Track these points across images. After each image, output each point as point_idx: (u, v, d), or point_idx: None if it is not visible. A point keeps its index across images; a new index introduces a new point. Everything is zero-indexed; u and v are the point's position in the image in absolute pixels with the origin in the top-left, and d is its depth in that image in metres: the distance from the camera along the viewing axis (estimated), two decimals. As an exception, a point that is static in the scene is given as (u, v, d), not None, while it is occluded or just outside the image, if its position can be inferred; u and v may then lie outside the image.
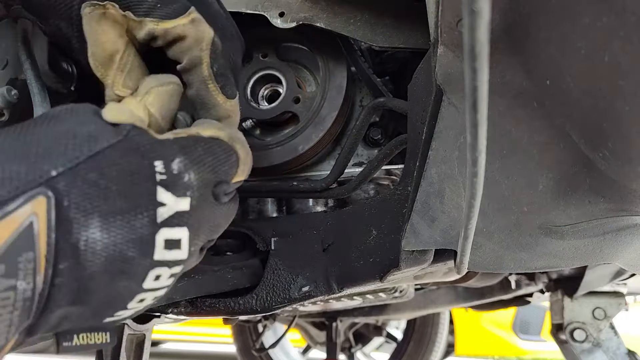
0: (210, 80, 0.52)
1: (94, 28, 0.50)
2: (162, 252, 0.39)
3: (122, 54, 0.50)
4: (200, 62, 0.51)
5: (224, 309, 0.72)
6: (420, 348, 2.85)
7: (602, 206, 0.51)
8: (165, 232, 0.38)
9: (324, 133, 0.78)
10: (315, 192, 0.78)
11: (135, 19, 0.50)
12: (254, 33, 0.82)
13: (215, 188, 0.43)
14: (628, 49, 0.34)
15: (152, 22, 0.50)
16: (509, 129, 0.48)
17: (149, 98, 0.47)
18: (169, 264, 0.40)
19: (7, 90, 0.59)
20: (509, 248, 0.58)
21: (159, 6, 0.50)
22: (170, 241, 0.39)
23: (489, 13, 0.27)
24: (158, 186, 0.38)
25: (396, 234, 0.64)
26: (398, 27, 0.71)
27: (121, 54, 0.50)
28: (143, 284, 0.39)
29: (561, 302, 1.54)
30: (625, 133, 0.40)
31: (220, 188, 0.43)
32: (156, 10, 0.50)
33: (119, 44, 0.50)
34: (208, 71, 0.52)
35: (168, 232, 0.38)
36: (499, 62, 0.44)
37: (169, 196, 0.38)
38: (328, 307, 1.77)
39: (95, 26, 0.50)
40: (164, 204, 0.38)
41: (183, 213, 0.39)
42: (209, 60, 0.51)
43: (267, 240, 0.74)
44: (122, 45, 0.51)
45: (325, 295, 0.69)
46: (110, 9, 0.49)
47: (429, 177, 0.54)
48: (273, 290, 0.71)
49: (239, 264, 0.73)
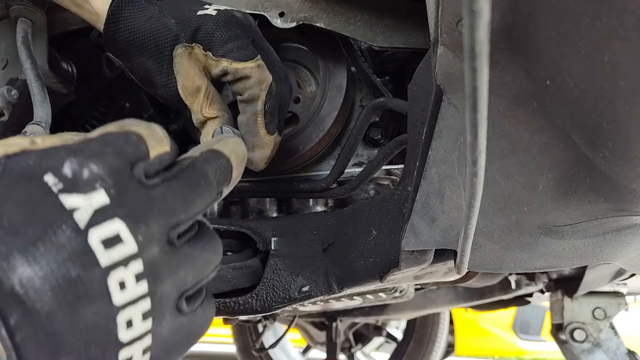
0: (260, 114, 0.64)
1: (185, 65, 0.63)
2: (105, 253, 0.34)
3: (207, 86, 0.64)
4: (257, 99, 0.64)
5: (224, 309, 0.72)
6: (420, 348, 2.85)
7: (602, 206, 0.51)
8: (96, 233, 0.34)
9: (324, 133, 0.78)
10: (315, 192, 0.78)
11: (214, 58, 0.62)
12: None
13: (133, 169, 0.38)
14: (628, 49, 0.34)
15: (227, 61, 0.62)
16: (509, 129, 0.48)
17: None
18: (122, 262, 0.35)
19: (7, 90, 0.59)
20: (509, 248, 0.58)
21: (234, 51, 0.62)
22: (108, 240, 0.34)
23: (489, 13, 0.27)
24: (60, 195, 0.34)
25: (396, 234, 0.64)
26: (398, 27, 0.71)
27: (206, 86, 0.64)
28: (112, 300, 0.34)
29: (561, 302, 1.54)
30: (625, 133, 0.40)
31: (139, 168, 0.38)
32: (232, 54, 0.62)
33: (203, 79, 0.64)
34: (261, 107, 0.64)
35: (99, 232, 0.34)
36: (498, 62, 0.44)
37: (76, 198, 0.34)
38: (328, 307, 1.77)
39: (186, 63, 0.63)
40: (76, 208, 0.34)
41: (105, 206, 0.35)
42: (264, 98, 0.64)
43: (267, 240, 0.74)
44: (206, 80, 0.64)
45: (325, 295, 0.69)
46: (196, 50, 0.62)
47: (429, 177, 0.54)
48: (273, 290, 0.71)
49: (239, 264, 0.73)
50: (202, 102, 0.64)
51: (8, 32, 0.81)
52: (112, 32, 0.64)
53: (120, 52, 0.66)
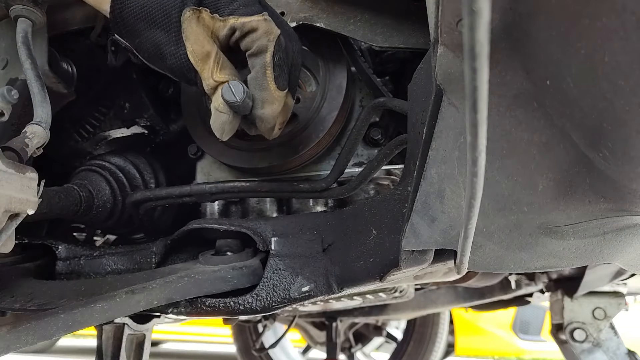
0: (269, 67, 0.63)
1: (194, 29, 0.63)
2: None
3: (216, 52, 0.63)
4: (265, 50, 0.63)
5: (224, 309, 0.72)
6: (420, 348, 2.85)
7: (602, 206, 0.51)
8: None
9: (324, 133, 0.78)
10: (315, 192, 0.78)
11: (221, 18, 0.63)
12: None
13: None
14: (628, 49, 0.34)
15: (233, 18, 0.63)
16: (508, 129, 0.48)
17: None
18: None
19: (7, 90, 0.59)
20: (509, 248, 0.58)
21: (240, 8, 0.63)
22: None
23: (489, 13, 0.27)
24: None
25: (396, 234, 0.64)
26: (398, 27, 0.71)
27: (216, 52, 0.63)
28: None
29: (561, 302, 1.54)
30: (625, 133, 0.40)
31: None
32: (238, 10, 0.63)
33: (212, 44, 0.63)
34: (270, 58, 0.63)
35: None
36: (498, 62, 0.44)
37: None
38: (328, 307, 1.77)
39: (195, 27, 0.63)
40: None
41: None
42: (273, 49, 0.63)
43: (267, 240, 0.74)
44: (215, 46, 0.64)
45: (325, 295, 0.69)
46: (204, 14, 0.63)
47: (429, 177, 0.54)
48: (273, 290, 0.71)
49: (239, 264, 0.73)
50: (213, 67, 0.63)
51: (8, 32, 0.81)
52: (119, 9, 0.64)
53: (128, 29, 0.65)
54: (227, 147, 0.85)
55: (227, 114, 0.63)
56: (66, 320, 0.61)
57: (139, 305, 0.66)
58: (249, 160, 0.83)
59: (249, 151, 0.83)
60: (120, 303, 0.64)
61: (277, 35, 0.63)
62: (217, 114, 0.63)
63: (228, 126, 0.64)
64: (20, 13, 0.74)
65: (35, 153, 0.66)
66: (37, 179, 0.63)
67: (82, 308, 0.62)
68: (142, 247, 0.83)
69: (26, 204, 0.61)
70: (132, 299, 0.65)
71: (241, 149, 0.84)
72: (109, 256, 0.84)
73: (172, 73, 0.67)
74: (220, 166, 0.90)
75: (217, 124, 0.64)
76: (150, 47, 0.65)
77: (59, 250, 0.85)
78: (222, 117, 0.63)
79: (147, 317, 0.91)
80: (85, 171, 0.89)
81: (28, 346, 0.60)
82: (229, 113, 0.63)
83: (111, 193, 0.88)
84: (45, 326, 0.60)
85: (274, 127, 0.67)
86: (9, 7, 0.74)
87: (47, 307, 0.71)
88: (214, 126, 0.64)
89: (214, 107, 0.63)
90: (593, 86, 0.38)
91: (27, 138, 0.64)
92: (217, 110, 0.63)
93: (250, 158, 0.83)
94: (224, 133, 0.64)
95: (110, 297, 0.64)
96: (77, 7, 0.83)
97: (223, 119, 0.63)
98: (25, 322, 0.60)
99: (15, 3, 0.73)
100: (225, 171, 0.89)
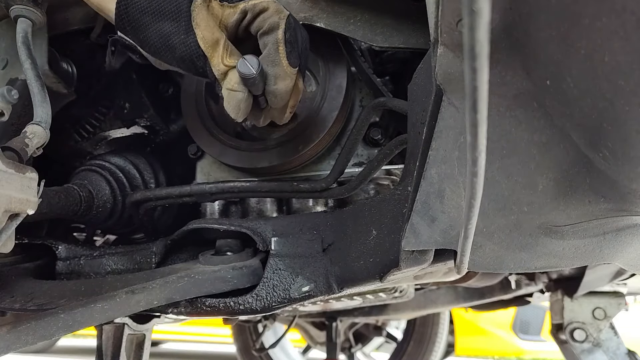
0: (281, 43, 0.65)
1: (204, 16, 0.65)
2: None
3: (225, 39, 0.66)
4: (277, 27, 0.65)
5: (224, 309, 0.72)
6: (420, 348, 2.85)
7: (602, 206, 0.51)
8: None
9: (324, 133, 0.78)
10: (315, 192, 0.78)
11: (231, 5, 0.66)
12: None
13: None
14: (628, 49, 0.34)
15: (244, 2, 0.66)
16: (508, 129, 0.48)
17: None
18: None
19: (7, 90, 0.59)
20: (509, 248, 0.58)
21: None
22: None
23: (489, 13, 0.27)
24: None
25: (396, 234, 0.64)
26: (398, 27, 0.71)
27: (224, 39, 0.66)
28: None
29: (561, 302, 1.54)
30: (625, 133, 0.40)
31: None
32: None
33: (221, 33, 0.66)
34: (282, 35, 0.65)
35: None
36: (498, 62, 0.44)
37: None
38: (328, 307, 1.77)
39: (205, 14, 0.65)
40: None
41: None
42: (284, 26, 0.65)
43: (267, 240, 0.73)
44: (223, 34, 0.66)
45: (325, 295, 0.69)
46: (213, 3, 0.66)
47: (429, 177, 0.54)
48: (273, 290, 0.71)
49: (239, 264, 0.73)
50: (222, 52, 0.65)
51: (8, 32, 0.81)
52: (124, 5, 0.65)
53: (133, 25, 0.66)
54: (226, 147, 0.85)
55: (242, 92, 0.65)
56: (66, 320, 0.61)
57: (139, 305, 0.66)
58: (249, 160, 0.83)
59: (249, 151, 0.83)
60: (120, 303, 0.64)
61: (287, 14, 0.66)
62: (232, 95, 0.65)
63: (243, 104, 0.65)
64: (20, 13, 0.74)
65: (35, 153, 0.66)
66: (37, 179, 0.63)
67: (82, 308, 0.62)
68: (142, 247, 0.83)
69: (26, 204, 0.61)
70: (132, 299, 0.65)
71: (241, 148, 0.84)
72: (109, 256, 0.84)
73: (181, 62, 0.67)
74: (220, 166, 0.90)
75: (232, 103, 0.65)
76: (157, 39, 0.66)
77: (59, 250, 0.85)
78: (238, 95, 0.65)
79: (147, 317, 0.91)
80: (85, 171, 0.89)
81: (28, 346, 0.60)
82: (243, 91, 0.64)
83: (111, 193, 0.88)
84: (45, 326, 0.60)
85: (286, 107, 0.69)
86: (9, 7, 0.74)
87: (47, 307, 0.71)
88: (229, 107, 0.66)
89: (227, 89, 0.65)
90: (593, 86, 0.38)
91: (27, 138, 0.64)
92: (231, 91, 0.64)
93: (250, 158, 0.83)
94: (239, 112, 0.66)
95: (110, 297, 0.64)
96: (77, 7, 0.83)
97: (239, 97, 0.65)
98: (25, 322, 0.60)
99: (15, 3, 0.73)
100: (225, 171, 0.89)
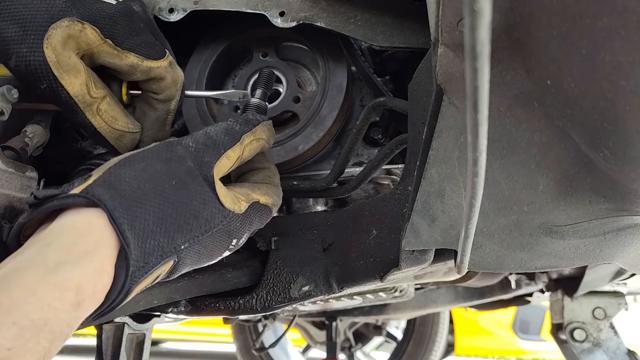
0: (172, 113, 0.65)
1: (60, 42, 0.54)
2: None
3: (86, 69, 0.57)
4: (172, 98, 0.63)
5: (224, 308, 0.72)
6: (420, 348, 2.85)
7: (603, 206, 0.51)
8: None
9: (324, 133, 0.78)
10: (315, 191, 0.78)
11: (119, 49, 0.57)
12: (254, 33, 0.82)
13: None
14: (629, 49, 0.34)
15: (136, 57, 0.58)
16: (509, 128, 0.48)
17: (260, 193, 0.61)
18: None
19: (7, 90, 0.59)
20: (510, 248, 0.58)
21: (143, 46, 0.59)
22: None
23: (490, 13, 0.27)
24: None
25: (396, 234, 0.64)
26: (398, 26, 0.71)
27: (85, 69, 0.56)
28: None
29: (561, 302, 1.54)
30: (625, 133, 0.40)
31: None
32: (141, 49, 0.58)
33: (80, 63, 0.56)
34: (175, 106, 0.64)
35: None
36: (499, 62, 0.44)
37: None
38: (328, 307, 1.77)
39: (62, 40, 0.54)
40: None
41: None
42: (179, 97, 0.64)
43: (267, 239, 0.74)
44: (83, 65, 0.56)
45: (325, 294, 0.69)
46: (88, 31, 0.55)
47: (430, 177, 0.54)
48: (273, 289, 0.71)
49: (239, 263, 0.73)
50: (88, 81, 0.56)
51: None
52: None
53: None
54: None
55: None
56: (66, 319, 0.61)
57: (139, 305, 0.66)
58: (249, 160, 0.83)
59: (249, 151, 0.83)
60: (120, 302, 0.64)
61: (182, 82, 0.64)
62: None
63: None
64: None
65: (35, 152, 0.66)
66: (37, 179, 0.63)
67: (82, 307, 0.62)
68: (142, 247, 0.83)
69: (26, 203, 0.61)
70: (132, 298, 0.65)
71: (241, 148, 0.84)
72: (109, 256, 0.83)
73: (16, 74, 0.59)
74: (220, 166, 0.89)
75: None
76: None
77: (59, 250, 0.84)
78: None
79: (147, 316, 0.91)
80: (85, 170, 0.89)
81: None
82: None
83: (111, 192, 0.88)
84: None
85: None
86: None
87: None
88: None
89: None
90: (594, 86, 0.38)
91: (27, 137, 0.64)
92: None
93: (250, 157, 0.83)
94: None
95: (110, 297, 0.64)
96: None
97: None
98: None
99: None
100: (226, 171, 0.89)
